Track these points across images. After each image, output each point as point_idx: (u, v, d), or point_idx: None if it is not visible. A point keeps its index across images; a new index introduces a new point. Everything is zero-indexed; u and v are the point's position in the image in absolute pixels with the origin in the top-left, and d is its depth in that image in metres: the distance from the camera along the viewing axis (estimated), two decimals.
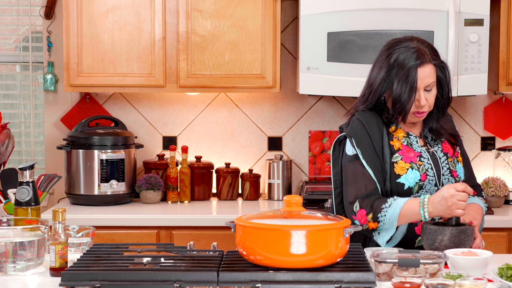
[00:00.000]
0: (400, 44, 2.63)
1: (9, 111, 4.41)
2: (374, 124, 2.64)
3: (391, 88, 2.60)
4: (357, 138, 2.63)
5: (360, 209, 2.56)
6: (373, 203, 2.54)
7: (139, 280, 1.97)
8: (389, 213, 2.51)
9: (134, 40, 3.91)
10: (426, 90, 2.61)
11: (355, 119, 2.67)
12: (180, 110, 4.28)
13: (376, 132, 2.63)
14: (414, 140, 2.69)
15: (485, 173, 4.21)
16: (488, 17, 3.70)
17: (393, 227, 2.54)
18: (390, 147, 2.64)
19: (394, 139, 2.66)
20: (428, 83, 2.60)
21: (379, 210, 2.53)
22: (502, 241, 3.65)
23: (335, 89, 3.72)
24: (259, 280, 1.96)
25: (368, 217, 2.54)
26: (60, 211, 2.32)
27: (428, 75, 2.60)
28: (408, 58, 2.59)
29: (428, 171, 2.64)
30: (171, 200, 4.06)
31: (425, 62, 2.59)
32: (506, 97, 4.20)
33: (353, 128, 2.65)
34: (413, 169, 2.62)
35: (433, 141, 2.72)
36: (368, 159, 2.60)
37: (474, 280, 2.09)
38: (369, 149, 2.61)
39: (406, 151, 2.64)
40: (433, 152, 2.69)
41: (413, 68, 2.57)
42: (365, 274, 1.97)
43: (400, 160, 2.63)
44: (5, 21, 4.43)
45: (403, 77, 2.58)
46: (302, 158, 4.28)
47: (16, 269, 2.34)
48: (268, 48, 3.88)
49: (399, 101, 2.59)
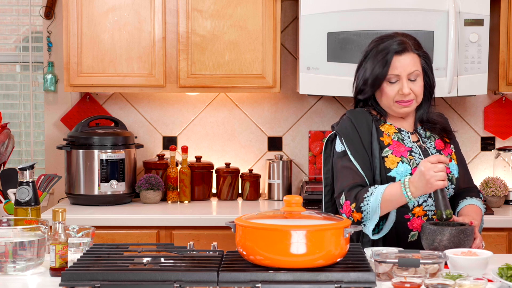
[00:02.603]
0: (384, 39, 2.67)
1: (9, 111, 4.41)
2: (363, 121, 2.67)
3: (371, 71, 2.64)
4: (345, 135, 2.66)
5: (345, 200, 2.59)
6: (357, 194, 2.57)
7: (139, 280, 1.97)
8: (371, 201, 2.53)
9: (134, 40, 3.91)
10: (410, 80, 2.63)
11: (345, 117, 2.72)
12: (180, 110, 4.29)
13: (365, 129, 2.66)
14: (405, 136, 2.71)
15: (485, 173, 4.21)
16: (488, 17, 3.70)
17: (376, 215, 2.55)
18: (380, 143, 2.66)
19: (384, 135, 2.69)
20: (410, 71, 2.63)
21: (361, 200, 2.55)
22: (502, 241, 3.66)
23: (335, 89, 3.72)
24: (259, 280, 1.96)
25: (352, 207, 2.56)
26: (60, 211, 2.32)
27: (410, 63, 2.63)
28: (389, 47, 2.63)
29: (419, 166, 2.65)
30: (171, 200, 4.06)
31: (405, 51, 2.63)
32: (506, 97, 4.20)
33: (342, 126, 2.69)
34: (403, 162, 2.64)
35: (426, 139, 2.73)
36: (356, 155, 2.63)
37: (474, 280, 2.09)
38: (357, 145, 2.64)
39: (397, 146, 2.67)
40: (425, 148, 2.71)
41: (391, 52, 2.62)
42: (365, 274, 1.97)
43: (390, 154, 2.65)
44: (5, 21, 4.43)
45: (380, 56, 2.62)
46: (302, 158, 4.28)
47: (16, 269, 2.34)
48: (268, 48, 3.88)
49: (372, 77, 2.62)
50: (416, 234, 2.65)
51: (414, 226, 2.65)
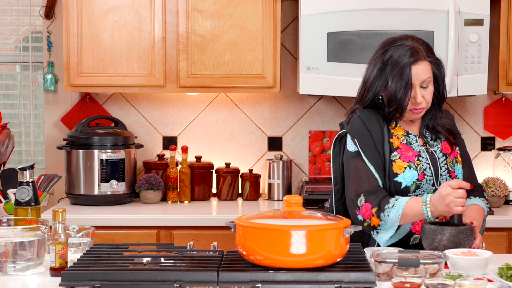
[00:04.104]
0: (395, 43, 2.64)
1: (9, 111, 4.41)
2: (375, 121, 2.65)
3: (386, 86, 2.61)
4: (358, 135, 2.64)
5: (365, 202, 2.56)
6: (380, 201, 2.54)
7: (139, 280, 1.97)
8: (392, 214, 2.52)
9: (134, 40, 3.91)
10: (422, 87, 2.62)
11: (356, 116, 2.68)
12: (180, 110, 4.28)
13: (377, 129, 2.64)
14: (413, 139, 2.69)
15: (485, 173, 4.21)
16: (488, 17, 3.70)
17: (393, 228, 2.54)
18: (390, 145, 2.65)
19: (393, 137, 2.67)
20: (423, 79, 2.61)
21: (382, 209, 2.53)
22: (502, 241, 3.66)
23: (335, 89, 3.72)
24: (259, 280, 1.96)
25: (373, 211, 2.54)
26: (60, 211, 2.32)
27: (423, 72, 2.61)
28: (403, 56, 2.60)
29: (426, 171, 2.64)
30: (171, 200, 4.06)
31: (419, 59, 2.60)
32: (506, 97, 4.20)
33: (354, 126, 2.66)
34: (410, 168, 2.62)
35: (432, 141, 2.73)
36: (370, 156, 2.61)
37: (474, 280, 2.08)
38: (370, 146, 2.62)
39: (405, 150, 2.65)
40: (432, 152, 2.69)
41: (407, 65, 2.59)
42: (365, 274, 1.97)
43: (398, 158, 2.63)
44: (5, 21, 4.43)
45: (397, 75, 2.59)
46: (302, 158, 4.28)
47: (16, 269, 2.34)
48: (268, 48, 3.88)
49: (395, 99, 2.60)
50: (418, 237, 2.64)
51: (417, 229, 2.64)
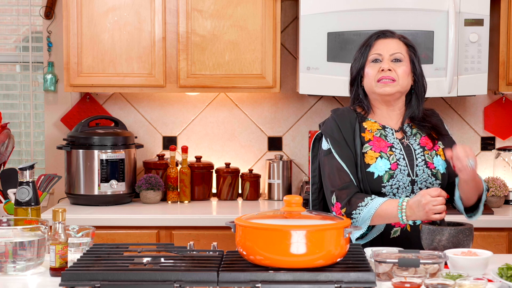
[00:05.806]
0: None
1: (9, 111, 4.41)
2: (346, 119, 2.71)
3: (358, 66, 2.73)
4: (329, 134, 2.71)
5: (336, 201, 2.62)
6: (351, 199, 2.60)
7: (139, 280, 1.97)
8: (364, 212, 2.56)
9: (134, 40, 3.91)
10: (393, 61, 2.67)
11: (330, 116, 2.76)
12: (180, 110, 4.29)
13: (347, 126, 2.69)
14: (389, 133, 2.72)
15: (485, 173, 4.21)
16: (488, 17, 3.70)
17: (364, 226, 2.58)
18: (361, 138, 2.69)
19: (366, 131, 2.71)
20: (393, 51, 2.68)
21: (354, 207, 2.58)
22: (502, 241, 3.66)
23: (335, 89, 3.72)
24: (259, 280, 1.96)
25: (342, 211, 2.59)
26: (60, 211, 2.32)
27: (393, 46, 2.70)
28: (373, 35, 2.75)
29: (399, 161, 2.66)
30: (171, 200, 4.06)
31: (388, 36, 2.72)
32: (506, 97, 4.20)
33: (327, 125, 2.74)
34: (382, 158, 2.66)
35: (412, 135, 2.74)
36: (340, 152, 2.66)
37: (474, 280, 2.09)
38: (341, 142, 2.68)
39: (377, 142, 2.69)
40: (407, 144, 2.71)
41: (373, 38, 2.73)
42: (365, 274, 1.97)
43: (370, 150, 2.67)
44: (5, 21, 4.43)
45: (363, 47, 2.74)
46: (302, 158, 4.28)
47: (16, 269, 2.34)
48: (268, 48, 3.89)
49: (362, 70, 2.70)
50: (399, 230, 2.65)
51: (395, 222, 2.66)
